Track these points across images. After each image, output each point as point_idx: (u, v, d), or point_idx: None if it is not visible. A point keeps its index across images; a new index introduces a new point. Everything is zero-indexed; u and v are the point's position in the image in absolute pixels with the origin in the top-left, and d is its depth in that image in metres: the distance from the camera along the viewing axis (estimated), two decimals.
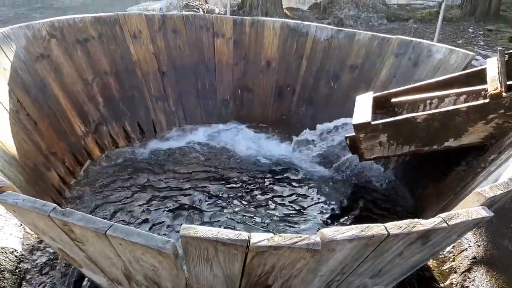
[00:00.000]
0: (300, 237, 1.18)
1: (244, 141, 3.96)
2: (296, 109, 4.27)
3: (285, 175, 3.44)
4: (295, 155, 3.71)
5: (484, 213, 1.31)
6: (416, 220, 1.27)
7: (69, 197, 3.00)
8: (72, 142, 3.27)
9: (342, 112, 3.50)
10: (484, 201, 1.39)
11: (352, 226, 1.21)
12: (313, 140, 3.70)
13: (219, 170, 3.46)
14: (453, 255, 2.59)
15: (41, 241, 2.55)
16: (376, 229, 1.21)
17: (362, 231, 1.20)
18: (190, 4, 8.78)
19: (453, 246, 2.64)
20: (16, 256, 2.40)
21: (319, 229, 1.52)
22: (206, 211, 2.93)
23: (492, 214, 1.33)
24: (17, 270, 2.32)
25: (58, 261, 2.41)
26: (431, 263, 2.57)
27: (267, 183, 3.32)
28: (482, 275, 2.30)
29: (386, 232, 1.21)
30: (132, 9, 9.14)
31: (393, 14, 10.32)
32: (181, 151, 3.74)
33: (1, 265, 2.27)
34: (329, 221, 2.93)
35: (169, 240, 1.20)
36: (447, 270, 2.50)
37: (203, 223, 2.78)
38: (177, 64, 4.18)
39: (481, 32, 8.58)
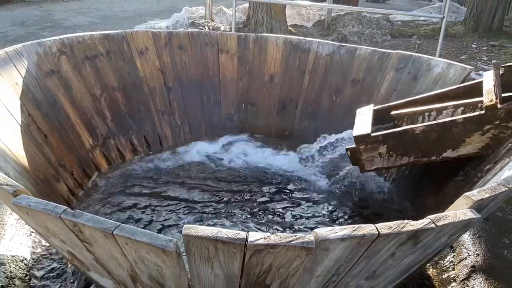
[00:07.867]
0: (295, 236, 1.25)
1: (247, 153, 4.04)
2: (299, 122, 4.34)
3: (286, 186, 3.51)
4: (298, 166, 3.77)
5: (471, 215, 1.38)
6: (406, 221, 1.33)
7: (77, 208, 3.08)
8: (80, 155, 3.37)
9: (344, 125, 3.57)
10: (472, 204, 1.45)
11: (345, 226, 1.28)
12: (315, 152, 3.76)
13: (222, 181, 3.55)
14: (453, 264, 2.63)
15: (49, 250, 2.63)
16: (367, 229, 1.28)
17: (354, 230, 1.27)
18: (196, 22, 8.94)
19: (453, 256, 2.68)
20: (25, 264, 2.49)
21: None
22: (209, 218, 3.03)
23: (479, 216, 1.39)
24: (26, 278, 2.40)
25: (66, 269, 2.49)
26: (431, 272, 2.62)
27: (269, 193, 3.40)
28: (481, 283, 2.35)
29: (376, 232, 1.27)
30: (140, 27, 9.31)
31: (397, 30, 10.43)
32: (186, 164, 3.83)
33: (12, 272, 2.35)
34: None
35: (172, 239, 1.27)
36: (446, 279, 2.54)
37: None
38: (182, 79, 4.29)
39: (485, 48, 8.66)
